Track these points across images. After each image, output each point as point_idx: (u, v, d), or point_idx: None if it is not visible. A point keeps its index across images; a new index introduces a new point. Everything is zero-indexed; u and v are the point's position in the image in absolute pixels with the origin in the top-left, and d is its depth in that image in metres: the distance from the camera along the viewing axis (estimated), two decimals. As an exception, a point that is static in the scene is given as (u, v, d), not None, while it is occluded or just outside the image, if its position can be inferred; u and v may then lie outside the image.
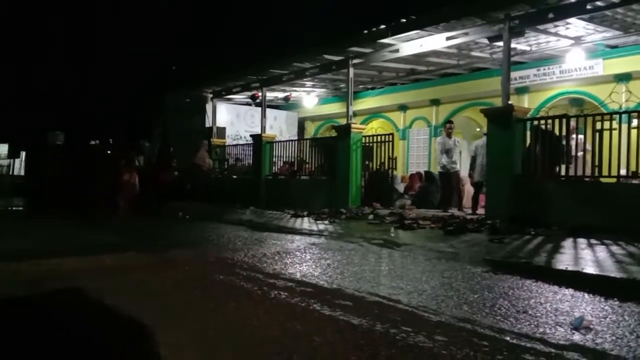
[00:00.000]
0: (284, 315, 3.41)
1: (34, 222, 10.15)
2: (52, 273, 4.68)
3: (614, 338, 2.91)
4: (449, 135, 10.71)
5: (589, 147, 7.82)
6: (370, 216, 9.39)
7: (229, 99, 17.12)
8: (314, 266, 5.15)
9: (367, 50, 11.32)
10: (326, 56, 12.00)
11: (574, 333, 2.99)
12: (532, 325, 3.15)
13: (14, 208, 14.36)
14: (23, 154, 27.42)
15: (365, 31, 10.72)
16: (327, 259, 5.58)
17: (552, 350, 2.70)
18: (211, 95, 16.49)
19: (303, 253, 6.02)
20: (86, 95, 19.80)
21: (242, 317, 3.38)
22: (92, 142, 16.47)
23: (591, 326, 3.10)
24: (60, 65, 20.32)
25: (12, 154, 28.70)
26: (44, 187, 12.96)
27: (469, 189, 12.09)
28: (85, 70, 20.65)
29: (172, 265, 5.23)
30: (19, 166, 29.03)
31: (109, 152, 15.47)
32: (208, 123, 16.52)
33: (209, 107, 16.57)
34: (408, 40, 10.42)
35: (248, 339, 2.92)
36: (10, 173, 28.77)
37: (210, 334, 2.99)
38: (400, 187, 12.39)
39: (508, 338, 2.89)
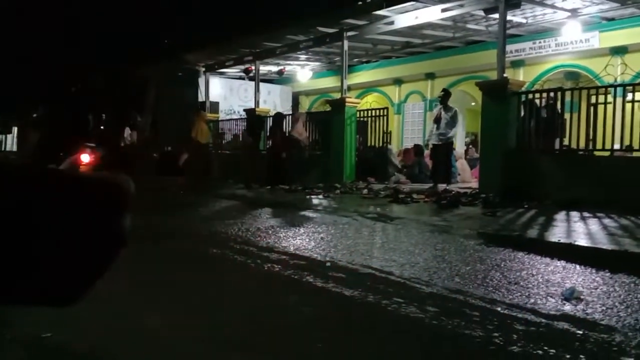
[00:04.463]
0: (276, 286, 3.42)
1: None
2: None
3: (604, 308, 2.93)
4: (443, 104, 9.92)
5: None
6: (365, 191, 9.39)
7: (222, 73, 16.89)
8: (307, 240, 5.16)
9: (362, 23, 11.15)
10: (320, 29, 11.81)
11: (564, 304, 3.02)
12: (524, 296, 3.17)
13: None
14: (15, 129, 27.13)
15: (360, 2, 10.54)
16: (321, 233, 5.58)
17: (543, 320, 2.72)
18: (204, 69, 16.25)
19: (297, 227, 6.02)
20: (73, 64, 19.31)
21: (236, 289, 3.38)
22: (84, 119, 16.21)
23: (582, 297, 3.12)
24: (46, 33, 19.84)
25: (4, 130, 28.38)
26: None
27: (462, 164, 12.07)
28: (73, 38, 20.19)
29: (169, 237, 5.22)
30: (10, 142, 28.76)
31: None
32: (201, 97, 16.33)
33: (201, 81, 16.35)
34: (403, 12, 10.25)
35: (241, 310, 2.93)
36: (3, 149, 28.53)
37: (200, 304, 2.99)
38: (396, 162, 12.34)
39: (499, 309, 2.91)
